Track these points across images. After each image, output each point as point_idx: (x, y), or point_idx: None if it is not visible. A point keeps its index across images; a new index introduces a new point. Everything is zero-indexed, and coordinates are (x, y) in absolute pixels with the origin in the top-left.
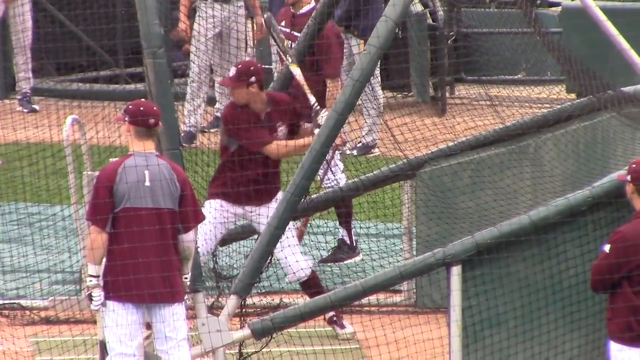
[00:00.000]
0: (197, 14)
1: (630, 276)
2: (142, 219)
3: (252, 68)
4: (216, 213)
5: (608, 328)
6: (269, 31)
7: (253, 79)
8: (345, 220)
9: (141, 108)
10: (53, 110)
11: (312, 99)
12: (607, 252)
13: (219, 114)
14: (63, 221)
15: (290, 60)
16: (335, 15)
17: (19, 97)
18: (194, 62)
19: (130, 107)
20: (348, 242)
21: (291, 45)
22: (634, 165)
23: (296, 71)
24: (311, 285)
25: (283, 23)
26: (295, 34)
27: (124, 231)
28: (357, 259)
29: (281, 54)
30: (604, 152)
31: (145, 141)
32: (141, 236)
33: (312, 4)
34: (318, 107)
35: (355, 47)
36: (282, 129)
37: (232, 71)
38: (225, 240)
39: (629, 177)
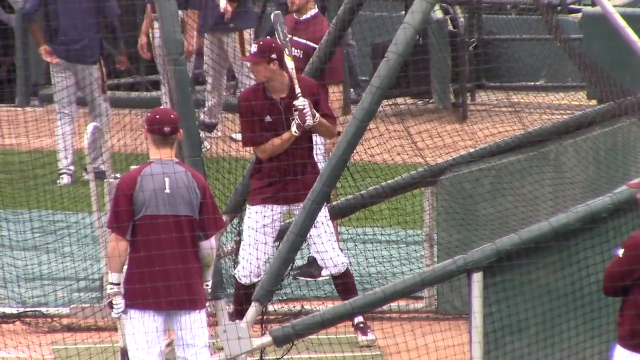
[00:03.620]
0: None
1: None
2: (162, 227)
3: (273, 45)
4: (259, 218)
5: (618, 333)
6: (274, 26)
7: (274, 55)
8: None
9: (157, 116)
10: (75, 117)
11: (298, 90)
12: (620, 256)
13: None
14: (85, 229)
15: (287, 52)
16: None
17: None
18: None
19: (148, 114)
20: None
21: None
22: None
23: (290, 64)
24: (344, 283)
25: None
26: (297, 39)
27: (144, 239)
28: (325, 273)
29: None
30: (624, 159)
31: (163, 149)
32: (161, 244)
33: (315, 10)
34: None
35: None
36: (303, 109)
37: (254, 47)
38: None
39: None
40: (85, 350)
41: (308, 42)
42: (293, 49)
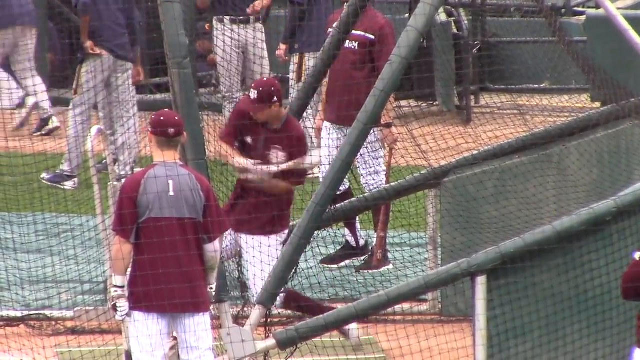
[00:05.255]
0: (214, 34)
1: None
2: (166, 229)
3: (272, 89)
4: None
5: (637, 336)
6: None
7: (275, 99)
8: (382, 228)
9: (161, 118)
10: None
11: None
12: (638, 259)
13: None
14: (89, 232)
15: None
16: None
17: None
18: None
19: (153, 117)
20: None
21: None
22: None
23: None
24: (292, 301)
25: (335, 24)
26: (352, 32)
27: (148, 241)
28: (389, 267)
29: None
30: (628, 161)
31: (167, 151)
32: (165, 246)
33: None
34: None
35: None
36: (276, 153)
37: (253, 93)
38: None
39: None
40: (89, 353)
41: (364, 34)
42: (348, 41)
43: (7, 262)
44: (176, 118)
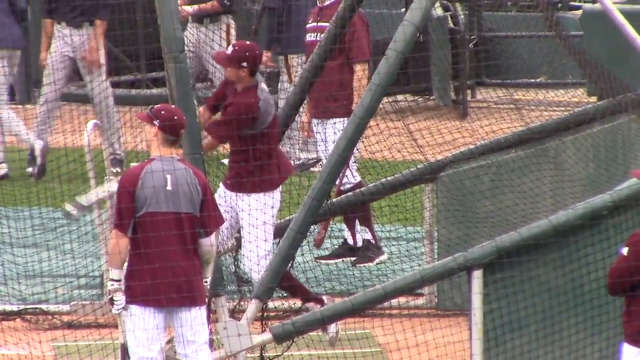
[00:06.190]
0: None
1: None
2: (164, 224)
3: (247, 53)
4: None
5: (624, 331)
6: None
7: (244, 63)
8: (366, 222)
9: (175, 117)
10: (75, 115)
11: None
12: (625, 254)
13: None
14: (85, 226)
15: None
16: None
17: None
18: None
19: (162, 112)
20: (373, 242)
21: (317, 36)
22: None
23: None
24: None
25: (311, 19)
26: (323, 24)
27: (145, 236)
28: (384, 257)
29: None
30: (624, 156)
31: (169, 147)
32: (162, 240)
33: None
34: None
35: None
36: None
37: (229, 49)
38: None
39: None
40: (85, 347)
41: None
42: (320, 34)
43: (3, 256)
44: (184, 117)
